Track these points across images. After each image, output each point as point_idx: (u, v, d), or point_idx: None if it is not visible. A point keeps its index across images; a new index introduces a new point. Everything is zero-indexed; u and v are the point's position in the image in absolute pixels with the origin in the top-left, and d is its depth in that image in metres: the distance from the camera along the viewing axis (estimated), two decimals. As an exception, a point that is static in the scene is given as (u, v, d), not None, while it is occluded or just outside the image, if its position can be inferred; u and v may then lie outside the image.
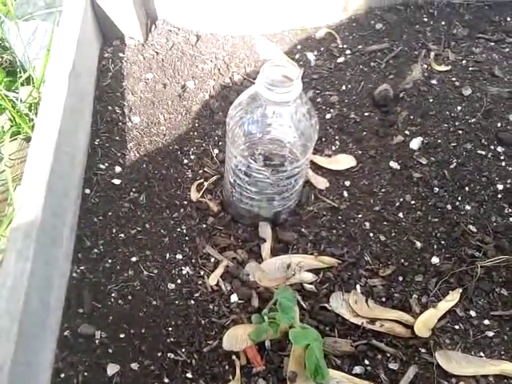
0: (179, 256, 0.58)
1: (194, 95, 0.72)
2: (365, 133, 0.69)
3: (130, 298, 0.54)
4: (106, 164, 0.63)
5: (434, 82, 0.72)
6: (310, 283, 0.58)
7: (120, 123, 0.67)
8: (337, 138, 0.69)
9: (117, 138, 0.66)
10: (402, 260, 0.59)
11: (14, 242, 0.45)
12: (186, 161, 0.66)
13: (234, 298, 0.56)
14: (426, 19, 0.80)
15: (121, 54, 0.74)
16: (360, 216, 0.62)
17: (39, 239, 0.46)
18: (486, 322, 0.55)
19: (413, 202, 0.63)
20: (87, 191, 0.61)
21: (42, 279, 0.47)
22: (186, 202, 0.62)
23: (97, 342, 0.51)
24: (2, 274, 0.43)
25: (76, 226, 0.58)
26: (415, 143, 0.67)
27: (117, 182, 0.62)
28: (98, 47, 0.74)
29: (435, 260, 0.59)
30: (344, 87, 0.73)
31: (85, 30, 0.66)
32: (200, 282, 0.56)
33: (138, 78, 0.72)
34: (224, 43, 0.79)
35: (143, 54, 0.74)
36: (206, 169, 0.65)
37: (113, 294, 0.54)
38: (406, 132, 0.68)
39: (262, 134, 0.52)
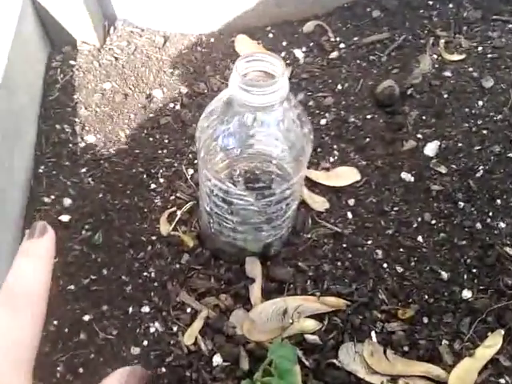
0: (146, 309, 0.46)
1: (162, 106, 0.61)
2: (368, 139, 0.57)
3: (81, 371, 0.42)
4: (52, 196, 0.52)
5: (447, 73, 0.61)
6: (313, 333, 0.46)
7: (70, 144, 0.55)
8: (335, 147, 0.57)
9: (66, 162, 0.54)
10: (426, 296, 0.48)
11: None
12: (153, 185, 0.54)
13: (217, 359, 0.44)
14: (430, 2, 0.69)
15: (72, 62, 0.62)
16: (369, 243, 0.51)
17: None
18: (539, 372, 0.44)
19: (433, 222, 0.52)
20: (29, 232, 0.49)
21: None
22: (154, 238, 0.51)
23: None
24: None
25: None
26: (431, 149, 0.56)
27: (65, 218, 0.50)
28: (45, 56, 0.62)
29: (467, 294, 0.48)
30: (340, 86, 0.62)
31: (21, 39, 0.54)
32: (173, 342, 0.45)
33: (93, 89, 0.60)
34: (197, 43, 0.67)
35: (99, 61, 0.63)
36: (178, 194, 0.54)
37: (59, 368, 0.42)
38: (419, 136, 0.57)
39: (241, 149, 0.41)
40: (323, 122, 0.59)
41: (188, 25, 0.68)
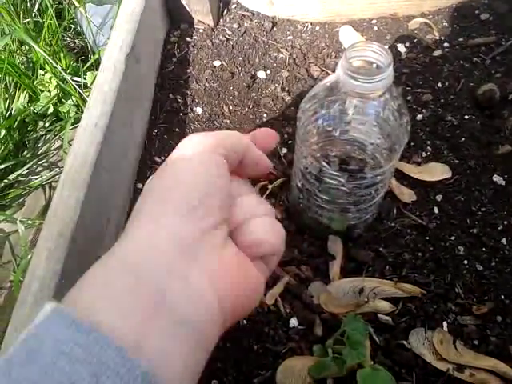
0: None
1: (264, 86, 0.65)
2: (463, 139, 0.58)
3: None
4: (163, 157, 0.57)
5: (553, 82, 0.60)
6: (387, 314, 0.48)
7: (181, 113, 0.61)
8: (429, 142, 0.58)
9: (176, 129, 0.60)
10: (503, 296, 0.48)
11: (46, 240, 0.39)
12: (250, 159, 0.58)
13: (293, 322, 0.48)
14: (544, 8, 0.67)
15: (188, 39, 0.68)
16: (453, 238, 0.52)
17: (75, 239, 0.41)
18: None
19: (520, 227, 0.52)
20: (140, 186, 0.55)
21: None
22: (245, 207, 0.55)
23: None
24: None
25: (124, 223, 0.52)
26: (526, 155, 0.55)
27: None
28: (165, 31, 0.68)
29: (546, 301, 0.48)
30: (440, 84, 0.63)
31: (149, 12, 0.60)
32: (256, 300, 0.49)
33: (205, 66, 0.65)
34: (302, 31, 0.70)
35: (212, 40, 0.68)
36: (271, 170, 0.58)
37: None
38: (515, 141, 0.57)
39: (339, 133, 0.43)
40: (419, 117, 0.60)
41: (295, 12, 0.71)
